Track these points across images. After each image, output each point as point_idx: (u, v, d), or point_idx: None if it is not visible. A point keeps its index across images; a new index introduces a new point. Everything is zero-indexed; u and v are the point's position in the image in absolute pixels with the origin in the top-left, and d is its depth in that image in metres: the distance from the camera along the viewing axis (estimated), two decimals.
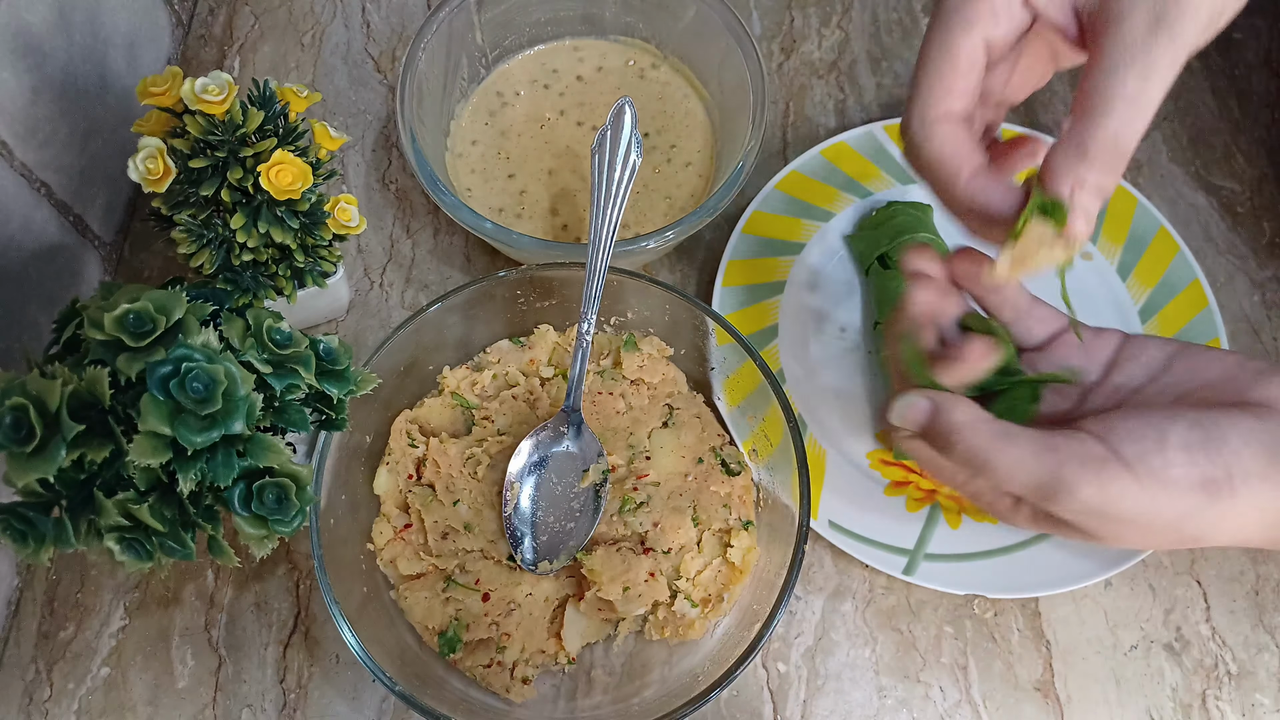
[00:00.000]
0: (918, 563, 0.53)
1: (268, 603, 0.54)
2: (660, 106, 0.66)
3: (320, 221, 0.51)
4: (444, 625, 0.51)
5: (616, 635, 0.53)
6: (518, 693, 0.50)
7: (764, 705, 0.52)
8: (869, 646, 0.54)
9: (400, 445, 0.54)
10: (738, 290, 0.60)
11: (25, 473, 0.36)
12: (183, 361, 0.37)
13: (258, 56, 0.71)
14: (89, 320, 0.38)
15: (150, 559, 0.39)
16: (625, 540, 0.53)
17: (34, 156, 0.54)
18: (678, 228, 0.55)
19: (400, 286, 0.63)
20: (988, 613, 0.55)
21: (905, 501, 0.56)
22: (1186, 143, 0.69)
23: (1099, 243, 0.63)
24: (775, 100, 0.70)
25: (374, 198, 0.66)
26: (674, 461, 0.55)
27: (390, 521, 0.53)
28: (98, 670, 0.53)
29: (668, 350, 0.57)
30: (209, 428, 0.37)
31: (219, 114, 0.46)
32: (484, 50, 0.65)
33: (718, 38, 0.62)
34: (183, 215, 0.48)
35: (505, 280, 0.54)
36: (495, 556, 0.53)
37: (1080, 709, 0.52)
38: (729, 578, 0.52)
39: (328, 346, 0.43)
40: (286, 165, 0.47)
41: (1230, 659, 0.54)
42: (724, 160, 0.62)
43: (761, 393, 0.52)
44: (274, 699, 0.52)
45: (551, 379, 0.57)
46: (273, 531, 0.40)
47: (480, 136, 0.65)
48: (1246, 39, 0.73)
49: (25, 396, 0.36)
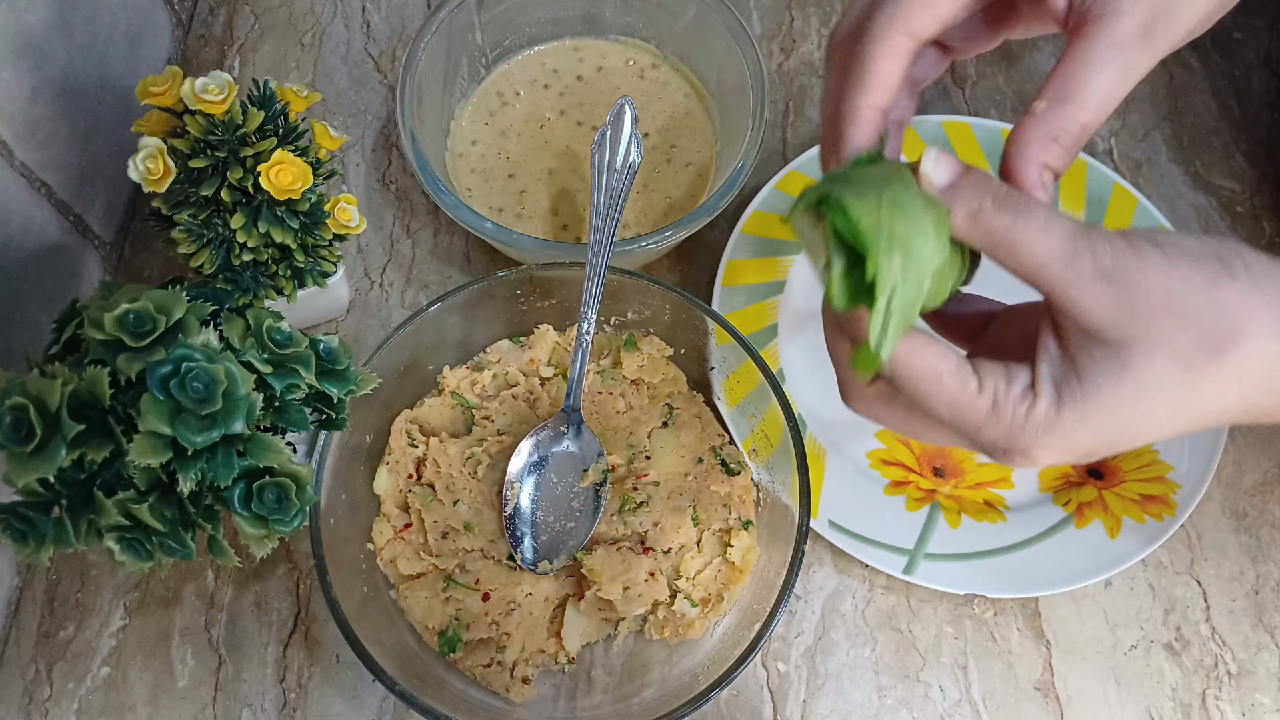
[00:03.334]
0: (918, 562, 0.53)
1: (268, 603, 0.54)
2: (660, 106, 0.66)
3: (320, 221, 0.51)
4: (444, 625, 0.51)
5: (616, 635, 0.53)
6: (518, 692, 0.50)
7: (764, 705, 0.52)
8: (869, 646, 0.54)
9: (400, 445, 0.54)
10: (738, 290, 0.60)
11: (25, 473, 0.36)
12: (183, 361, 0.37)
13: (258, 56, 0.71)
14: (89, 320, 0.38)
15: (150, 559, 0.39)
16: (625, 540, 0.53)
17: (34, 156, 0.54)
18: (678, 228, 0.55)
19: (400, 286, 0.63)
20: (988, 613, 0.55)
21: (905, 501, 0.56)
22: (1186, 143, 0.69)
23: None
24: (775, 100, 0.70)
25: (374, 198, 0.66)
26: (674, 461, 0.55)
27: (390, 521, 0.53)
28: (98, 670, 0.53)
29: (668, 350, 0.57)
30: (209, 428, 0.37)
31: (219, 114, 0.46)
32: (484, 50, 0.65)
33: (718, 38, 0.62)
34: (183, 215, 0.48)
35: (505, 280, 0.54)
36: (495, 556, 0.53)
37: (1080, 709, 0.52)
38: (729, 577, 0.52)
39: (328, 346, 0.44)
40: (286, 165, 0.47)
41: (1230, 659, 0.54)
42: (724, 160, 0.62)
43: (761, 392, 0.52)
44: (274, 699, 0.52)
45: (551, 379, 0.57)
46: (273, 531, 0.40)
47: (480, 136, 0.65)
48: (1246, 39, 0.73)
49: (25, 396, 0.36)
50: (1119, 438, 0.33)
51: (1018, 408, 0.33)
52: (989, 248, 0.32)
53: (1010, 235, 0.32)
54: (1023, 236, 0.31)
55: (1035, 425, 0.32)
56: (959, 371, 0.33)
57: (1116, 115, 0.69)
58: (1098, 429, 0.32)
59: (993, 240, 0.32)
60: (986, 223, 0.32)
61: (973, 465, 0.57)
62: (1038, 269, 0.32)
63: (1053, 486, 0.57)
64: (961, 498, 0.56)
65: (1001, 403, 0.33)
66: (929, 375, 0.33)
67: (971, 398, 0.33)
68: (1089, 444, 0.33)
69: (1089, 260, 0.31)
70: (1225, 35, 0.73)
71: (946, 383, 0.33)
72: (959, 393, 0.33)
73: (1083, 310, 0.31)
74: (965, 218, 0.32)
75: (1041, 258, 0.31)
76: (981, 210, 0.32)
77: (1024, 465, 0.35)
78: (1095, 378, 0.32)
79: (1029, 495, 0.57)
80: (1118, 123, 0.69)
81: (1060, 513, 0.55)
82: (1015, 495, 0.57)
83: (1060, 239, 0.31)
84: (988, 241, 0.32)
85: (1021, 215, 0.32)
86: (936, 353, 0.33)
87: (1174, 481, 0.55)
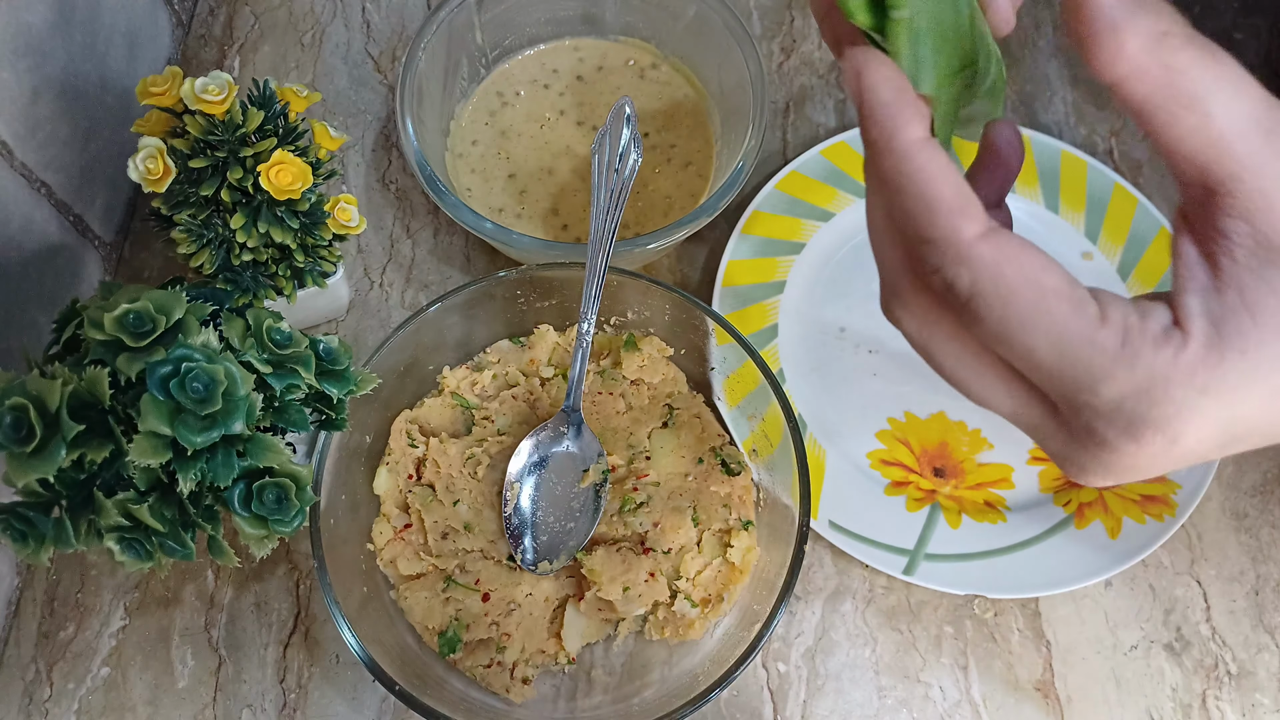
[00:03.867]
0: (918, 563, 0.53)
1: (268, 603, 0.54)
2: (660, 106, 0.66)
3: (320, 221, 0.51)
4: (444, 625, 0.51)
5: (616, 635, 0.53)
6: (518, 693, 0.50)
7: (764, 705, 0.52)
8: (869, 646, 0.54)
9: (400, 445, 0.54)
10: (738, 290, 0.60)
11: (25, 473, 0.36)
12: (183, 361, 0.37)
13: (258, 56, 0.71)
14: (89, 320, 0.38)
15: (150, 559, 0.39)
16: (625, 540, 0.53)
17: (34, 156, 0.54)
18: (678, 228, 0.55)
19: (400, 286, 0.63)
20: (988, 613, 0.55)
21: (905, 501, 0.56)
22: None
23: (1099, 242, 0.63)
24: (775, 100, 0.70)
25: (374, 198, 0.66)
26: (674, 461, 0.55)
27: (390, 521, 0.53)
28: (98, 670, 0.53)
29: (668, 350, 0.57)
30: (209, 428, 0.37)
31: (219, 114, 0.46)
32: (484, 50, 0.65)
33: (718, 38, 0.62)
34: (183, 215, 0.48)
35: (505, 280, 0.54)
36: (495, 556, 0.53)
37: (1080, 709, 0.52)
38: (729, 578, 0.52)
39: (328, 346, 0.44)
40: (286, 165, 0.47)
41: (1230, 659, 0.54)
42: (724, 160, 0.62)
43: (761, 393, 0.52)
44: (274, 699, 0.52)
45: (551, 379, 0.57)
46: (273, 531, 0.40)
47: (480, 136, 0.65)
48: (1246, 39, 0.73)
49: (25, 396, 0.36)
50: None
51: (1160, 350, 0.22)
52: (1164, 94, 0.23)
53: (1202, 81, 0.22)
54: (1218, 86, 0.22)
55: (1187, 377, 0.22)
56: (1072, 292, 0.23)
57: (1117, 115, 0.69)
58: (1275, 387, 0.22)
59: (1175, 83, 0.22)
60: (1177, 55, 0.22)
61: (973, 465, 0.57)
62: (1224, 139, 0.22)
63: (1053, 487, 0.57)
64: (962, 498, 0.56)
65: (1137, 341, 0.23)
66: (1028, 288, 0.23)
67: (1093, 328, 0.23)
68: (1258, 413, 0.23)
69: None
70: (1225, 35, 0.73)
71: (1054, 304, 0.23)
72: (1071, 318, 0.23)
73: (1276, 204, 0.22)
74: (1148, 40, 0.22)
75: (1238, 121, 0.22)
76: (1169, 35, 0.22)
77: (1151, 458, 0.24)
78: (1273, 308, 0.22)
79: (1029, 496, 0.57)
80: (1118, 122, 0.69)
81: (1060, 513, 0.55)
82: (1016, 496, 0.57)
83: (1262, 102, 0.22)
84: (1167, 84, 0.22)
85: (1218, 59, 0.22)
86: (1039, 262, 0.23)
87: (1174, 482, 0.55)
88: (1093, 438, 0.24)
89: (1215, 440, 0.23)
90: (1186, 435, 0.23)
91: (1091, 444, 0.24)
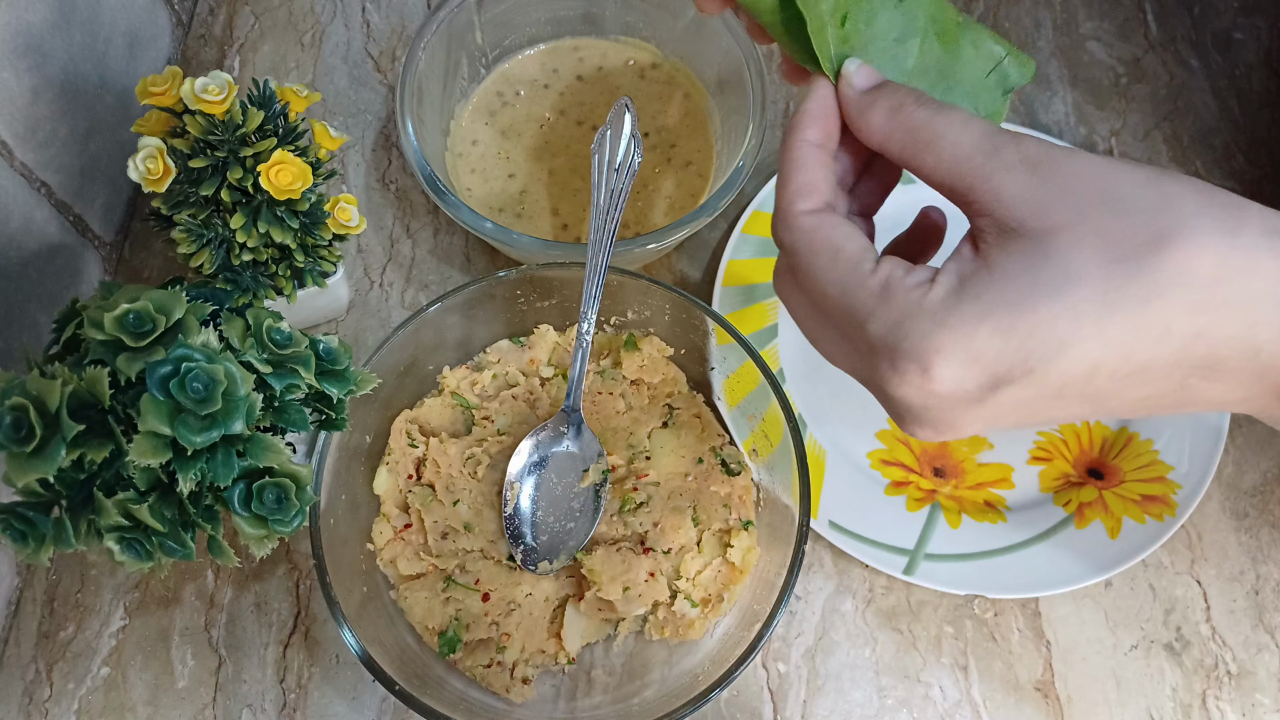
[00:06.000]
0: (918, 562, 0.53)
1: (268, 603, 0.54)
2: (660, 106, 0.66)
3: (320, 221, 0.51)
4: (444, 625, 0.51)
5: (616, 635, 0.53)
6: (518, 693, 0.50)
7: (764, 705, 0.52)
8: (869, 646, 0.54)
9: (400, 445, 0.54)
10: (738, 290, 0.60)
11: (25, 473, 0.36)
12: (183, 361, 0.37)
13: (258, 56, 0.71)
14: (89, 320, 0.38)
15: (150, 559, 0.38)
16: (625, 540, 0.53)
17: (34, 156, 0.54)
18: (678, 228, 0.55)
19: (400, 286, 0.63)
20: (988, 613, 0.55)
21: (905, 501, 0.56)
22: (1187, 143, 0.69)
23: None
24: (775, 100, 0.70)
25: (374, 198, 0.66)
26: (674, 461, 0.55)
27: (390, 521, 0.53)
28: (98, 670, 0.53)
29: (668, 350, 0.57)
30: (209, 428, 0.37)
31: (219, 114, 0.46)
32: (484, 50, 0.65)
33: (718, 38, 0.62)
34: (183, 215, 0.48)
35: (505, 280, 0.54)
36: (495, 556, 0.53)
37: (1080, 709, 0.52)
38: (729, 578, 0.52)
39: (328, 346, 0.44)
40: (286, 165, 0.47)
41: (1230, 659, 0.54)
42: (724, 160, 0.62)
43: (761, 393, 0.52)
44: (274, 699, 0.52)
45: (551, 379, 0.57)
46: (273, 531, 0.40)
47: (480, 136, 0.65)
48: (1246, 39, 0.73)
49: (25, 396, 0.36)
50: (1033, 343, 0.27)
51: (910, 293, 0.29)
52: (909, 144, 0.31)
53: (931, 128, 0.31)
54: (945, 129, 0.30)
55: (929, 313, 0.28)
56: (860, 254, 0.31)
57: (1117, 115, 0.70)
58: (1008, 326, 0.27)
59: (914, 135, 0.31)
60: (909, 117, 0.31)
61: (973, 465, 0.57)
62: (957, 163, 0.30)
63: (1053, 487, 0.57)
64: (962, 498, 0.56)
65: (894, 286, 0.30)
66: (826, 249, 0.31)
67: (863, 276, 0.30)
68: (997, 349, 0.28)
69: (1013, 150, 0.29)
70: (1225, 35, 0.73)
71: (841, 260, 0.31)
72: (851, 270, 0.30)
73: (1003, 198, 0.29)
74: (887, 113, 0.32)
75: (964, 149, 0.30)
76: (904, 106, 0.31)
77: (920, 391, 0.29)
78: (1006, 266, 0.28)
79: (1029, 495, 0.57)
80: (1118, 122, 0.69)
81: (1060, 513, 0.55)
82: (1015, 495, 0.57)
83: (982, 133, 0.30)
84: (908, 138, 0.31)
85: (942, 111, 0.31)
86: (844, 231, 0.31)
87: (1174, 482, 0.55)
88: (876, 373, 0.30)
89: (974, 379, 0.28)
90: (937, 366, 0.28)
91: (877, 379, 0.30)
